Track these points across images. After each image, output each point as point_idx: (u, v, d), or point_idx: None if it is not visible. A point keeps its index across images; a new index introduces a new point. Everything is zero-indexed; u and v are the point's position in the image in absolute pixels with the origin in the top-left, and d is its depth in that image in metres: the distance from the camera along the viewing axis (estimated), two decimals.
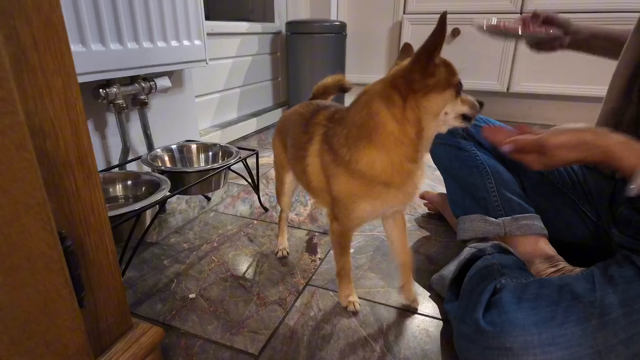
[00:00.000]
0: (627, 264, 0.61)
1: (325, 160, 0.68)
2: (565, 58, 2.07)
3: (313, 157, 0.70)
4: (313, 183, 0.72)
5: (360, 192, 0.65)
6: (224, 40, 1.87)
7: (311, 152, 0.71)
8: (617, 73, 0.71)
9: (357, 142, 0.62)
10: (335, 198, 0.69)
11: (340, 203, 0.68)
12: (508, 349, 0.54)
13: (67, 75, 0.42)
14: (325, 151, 0.67)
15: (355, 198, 0.66)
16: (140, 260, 0.95)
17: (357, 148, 0.62)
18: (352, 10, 2.42)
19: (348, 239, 0.75)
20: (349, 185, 0.65)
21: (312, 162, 0.71)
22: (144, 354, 0.57)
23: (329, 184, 0.69)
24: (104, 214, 0.50)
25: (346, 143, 0.63)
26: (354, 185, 0.65)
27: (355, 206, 0.67)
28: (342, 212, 0.70)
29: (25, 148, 0.35)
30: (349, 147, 0.63)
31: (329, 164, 0.67)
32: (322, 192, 0.72)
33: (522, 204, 0.84)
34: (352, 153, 0.63)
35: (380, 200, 0.65)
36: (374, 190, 0.64)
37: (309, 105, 0.80)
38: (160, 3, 1.13)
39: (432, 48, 0.54)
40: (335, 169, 0.66)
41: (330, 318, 0.76)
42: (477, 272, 0.69)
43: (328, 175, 0.68)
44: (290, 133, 0.82)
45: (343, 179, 0.65)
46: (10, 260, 0.36)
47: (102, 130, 1.16)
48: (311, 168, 0.71)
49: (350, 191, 0.66)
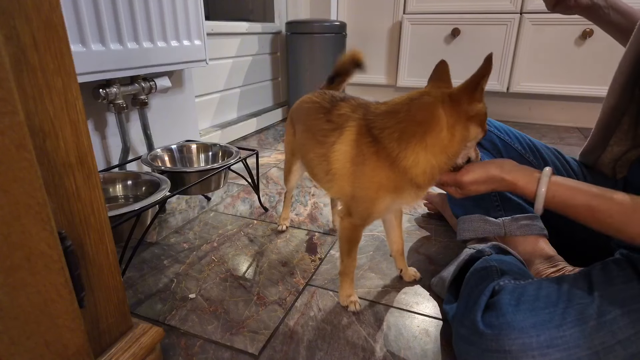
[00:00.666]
0: (625, 264, 0.61)
1: (363, 152, 0.68)
2: (565, 58, 2.08)
3: (344, 145, 0.70)
4: (335, 170, 0.72)
5: (390, 186, 0.66)
6: (224, 40, 1.87)
7: (342, 140, 0.70)
8: (619, 70, 0.70)
9: (410, 138, 0.63)
10: (360, 190, 0.69)
11: (363, 196, 0.69)
12: (507, 351, 0.54)
13: (67, 75, 0.42)
14: (365, 144, 0.67)
15: (381, 192, 0.67)
16: (140, 260, 0.95)
17: (408, 144, 0.63)
18: (352, 10, 2.42)
19: (359, 235, 0.75)
20: (382, 178, 0.66)
21: (341, 149, 0.71)
22: (144, 354, 0.57)
23: (355, 174, 0.69)
24: (104, 214, 0.50)
25: (399, 138, 0.64)
26: (389, 179, 0.66)
27: (378, 201, 0.68)
28: (361, 206, 0.70)
29: (25, 148, 0.36)
30: (400, 142, 0.64)
31: (370, 155, 0.67)
32: (342, 181, 0.72)
33: (522, 204, 0.84)
34: (403, 149, 0.63)
35: (401, 197, 0.68)
36: (401, 187, 0.66)
37: (323, 95, 0.81)
38: (160, 3, 1.13)
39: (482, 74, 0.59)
40: (375, 162, 0.66)
41: (330, 318, 0.76)
42: (476, 274, 0.69)
43: (361, 165, 0.68)
44: (304, 120, 0.82)
45: (380, 172, 0.66)
46: (10, 260, 0.36)
47: (102, 130, 1.16)
48: (338, 155, 0.71)
49: (381, 184, 0.67)
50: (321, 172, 0.77)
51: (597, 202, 0.58)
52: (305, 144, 0.82)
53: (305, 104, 0.84)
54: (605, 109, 0.74)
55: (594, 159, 0.81)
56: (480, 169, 0.66)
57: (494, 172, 0.65)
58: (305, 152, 0.83)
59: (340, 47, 2.20)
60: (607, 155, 0.76)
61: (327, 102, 0.78)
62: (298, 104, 0.88)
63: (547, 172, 0.62)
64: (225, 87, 1.94)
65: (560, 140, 2.01)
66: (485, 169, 0.66)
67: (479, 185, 0.66)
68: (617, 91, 0.70)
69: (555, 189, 0.61)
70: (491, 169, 0.65)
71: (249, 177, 1.17)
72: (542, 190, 0.61)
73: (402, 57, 2.36)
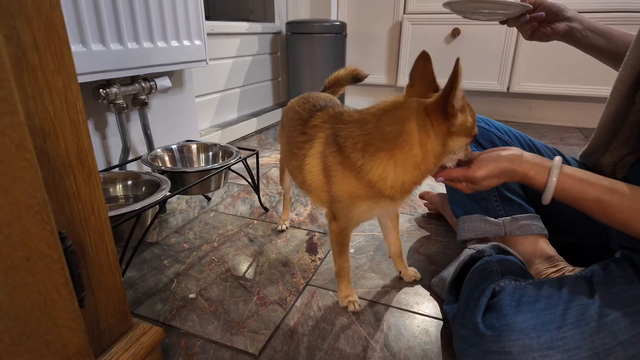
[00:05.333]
0: (626, 264, 0.61)
1: (329, 162, 0.68)
2: (565, 58, 2.08)
3: (314, 158, 0.71)
4: (309, 182, 0.73)
5: (362, 195, 0.66)
6: (224, 40, 1.87)
7: (312, 153, 0.71)
8: (619, 79, 0.70)
9: (377, 151, 0.62)
10: (335, 198, 0.69)
11: (340, 203, 0.69)
12: (507, 352, 0.54)
13: (67, 75, 0.42)
14: (330, 153, 0.67)
15: (356, 200, 0.67)
16: (140, 260, 0.95)
17: (374, 157, 0.62)
18: (352, 10, 2.42)
19: (347, 237, 0.76)
20: (351, 187, 0.66)
21: (311, 162, 0.71)
22: (144, 354, 0.57)
23: (329, 184, 0.69)
24: (104, 214, 0.50)
25: (364, 148, 0.63)
26: (358, 188, 0.66)
27: (354, 207, 0.68)
28: (342, 212, 0.71)
29: (26, 148, 0.35)
30: (364, 153, 0.63)
31: (335, 165, 0.67)
32: (317, 191, 0.73)
33: (522, 204, 0.84)
34: (367, 160, 0.62)
35: (379, 205, 0.68)
36: (374, 196, 0.66)
37: (305, 104, 0.80)
38: (161, 3, 1.13)
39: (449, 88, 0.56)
40: (341, 171, 0.66)
41: (331, 318, 0.76)
42: (476, 274, 0.69)
43: (330, 175, 0.68)
44: (287, 131, 0.83)
45: (348, 181, 0.66)
46: (11, 260, 0.36)
47: (102, 130, 1.16)
48: (310, 168, 0.72)
49: (352, 192, 0.67)
50: (299, 183, 0.79)
51: (608, 196, 0.57)
52: (286, 155, 0.84)
53: (290, 113, 0.84)
54: (606, 116, 0.74)
55: (594, 161, 0.81)
56: (492, 163, 0.65)
57: (506, 164, 0.64)
58: (286, 162, 0.85)
59: (340, 47, 2.20)
60: (606, 158, 0.76)
61: (306, 112, 0.77)
62: (287, 109, 0.88)
63: (557, 163, 0.61)
64: (225, 87, 1.94)
65: (560, 140, 2.01)
66: (497, 163, 0.64)
67: (491, 180, 0.65)
68: (617, 99, 0.70)
69: (565, 180, 0.60)
70: (503, 163, 0.64)
71: (249, 177, 1.17)
72: (553, 180, 0.60)
73: (402, 57, 2.36)
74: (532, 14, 0.81)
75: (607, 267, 0.62)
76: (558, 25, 0.82)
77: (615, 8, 1.92)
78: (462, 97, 0.58)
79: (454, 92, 0.56)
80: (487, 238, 0.85)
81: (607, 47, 0.83)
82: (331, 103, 0.78)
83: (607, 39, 0.83)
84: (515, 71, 2.18)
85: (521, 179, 0.64)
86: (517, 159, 0.64)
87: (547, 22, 0.83)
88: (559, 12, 0.82)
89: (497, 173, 0.64)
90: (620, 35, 0.82)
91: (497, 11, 0.80)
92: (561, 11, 0.82)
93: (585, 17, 0.83)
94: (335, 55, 2.17)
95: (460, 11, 0.84)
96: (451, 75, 0.55)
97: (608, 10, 1.93)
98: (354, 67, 0.93)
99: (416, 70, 0.62)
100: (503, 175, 0.64)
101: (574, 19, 0.82)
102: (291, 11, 2.38)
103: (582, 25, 0.82)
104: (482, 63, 2.21)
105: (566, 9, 0.82)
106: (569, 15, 0.82)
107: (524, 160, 0.63)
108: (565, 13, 0.82)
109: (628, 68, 0.68)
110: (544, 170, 0.62)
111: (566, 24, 0.82)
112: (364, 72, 0.93)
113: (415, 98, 0.61)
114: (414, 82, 0.63)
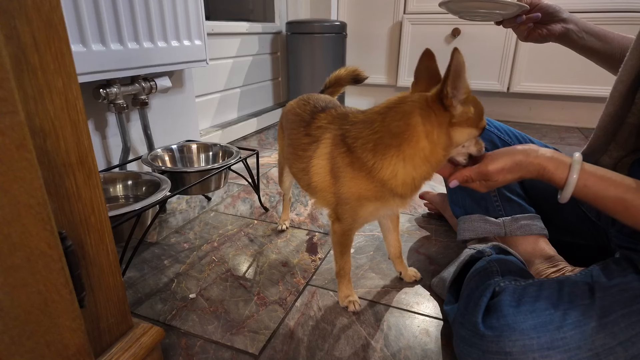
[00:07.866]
0: (626, 264, 0.61)
1: (337, 163, 0.67)
2: (565, 58, 2.08)
3: (320, 159, 0.70)
4: (315, 183, 0.73)
5: (371, 196, 0.66)
6: (224, 40, 1.87)
7: (318, 155, 0.71)
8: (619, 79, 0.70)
9: (386, 149, 0.61)
10: (343, 199, 0.69)
11: (347, 204, 0.69)
12: (507, 353, 0.54)
13: (67, 75, 0.42)
14: (339, 154, 0.67)
15: (363, 201, 0.67)
16: (140, 260, 0.95)
17: (384, 156, 0.62)
18: (352, 10, 2.42)
19: (350, 238, 0.76)
20: (360, 189, 0.66)
21: (318, 164, 0.71)
22: (144, 354, 0.57)
23: (337, 185, 0.69)
24: (105, 214, 0.50)
25: (374, 148, 0.62)
26: (368, 189, 0.65)
27: (362, 208, 0.68)
28: (348, 213, 0.70)
29: (26, 148, 0.35)
30: (375, 153, 0.62)
31: (344, 166, 0.66)
32: (323, 192, 0.72)
33: (523, 204, 0.84)
34: (378, 160, 0.62)
35: (386, 205, 0.68)
36: (383, 196, 0.66)
37: (305, 105, 0.80)
38: (161, 3, 1.13)
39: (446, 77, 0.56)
40: (351, 172, 0.66)
41: (331, 318, 0.76)
42: (476, 274, 0.69)
43: (339, 176, 0.68)
44: (288, 132, 0.82)
45: (357, 182, 0.65)
46: (11, 260, 0.36)
47: (103, 130, 1.16)
48: (317, 169, 0.71)
49: (360, 194, 0.66)
50: (304, 185, 0.78)
51: (631, 195, 0.55)
52: (288, 157, 0.83)
53: (290, 115, 0.84)
54: (605, 117, 0.74)
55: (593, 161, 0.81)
56: (505, 156, 0.62)
57: (520, 157, 0.61)
58: (290, 165, 0.84)
59: (340, 47, 2.20)
60: (606, 158, 0.76)
61: (308, 113, 0.77)
62: (286, 111, 0.88)
63: (578, 159, 0.59)
64: (225, 87, 1.94)
65: (560, 140, 2.01)
66: (511, 156, 0.62)
67: (505, 174, 0.62)
68: (616, 99, 0.70)
69: (587, 178, 0.58)
70: (517, 155, 0.62)
71: (249, 177, 1.17)
72: (574, 177, 0.57)
73: (402, 57, 2.36)
74: (529, 15, 0.81)
75: (607, 267, 0.62)
76: (554, 26, 0.82)
77: (614, 8, 1.92)
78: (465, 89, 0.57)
79: (447, 81, 0.55)
80: (487, 238, 0.85)
81: (602, 49, 0.83)
82: (332, 104, 0.78)
83: (602, 41, 0.83)
84: (515, 71, 2.18)
85: (538, 172, 0.61)
86: (532, 152, 0.61)
87: (543, 24, 0.83)
88: (555, 13, 0.82)
89: (512, 166, 0.62)
90: (615, 38, 0.82)
91: (494, 11, 0.80)
92: (557, 12, 0.82)
93: (581, 19, 0.84)
94: (335, 55, 2.17)
95: (457, 11, 0.84)
96: (448, 66, 0.55)
97: (608, 10, 1.93)
98: (354, 68, 0.93)
99: (421, 67, 0.63)
100: (517, 168, 0.62)
101: (570, 20, 0.82)
102: (291, 11, 2.38)
103: (578, 27, 0.82)
104: (482, 63, 2.21)
105: (562, 11, 0.82)
106: (565, 16, 0.82)
107: (540, 154, 0.61)
108: (561, 14, 0.82)
109: (628, 68, 0.68)
110: (563, 165, 0.59)
111: (562, 26, 0.82)
112: (364, 74, 0.93)
113: (418, 93, 0.61)
114: (419, 79, 0.64)
